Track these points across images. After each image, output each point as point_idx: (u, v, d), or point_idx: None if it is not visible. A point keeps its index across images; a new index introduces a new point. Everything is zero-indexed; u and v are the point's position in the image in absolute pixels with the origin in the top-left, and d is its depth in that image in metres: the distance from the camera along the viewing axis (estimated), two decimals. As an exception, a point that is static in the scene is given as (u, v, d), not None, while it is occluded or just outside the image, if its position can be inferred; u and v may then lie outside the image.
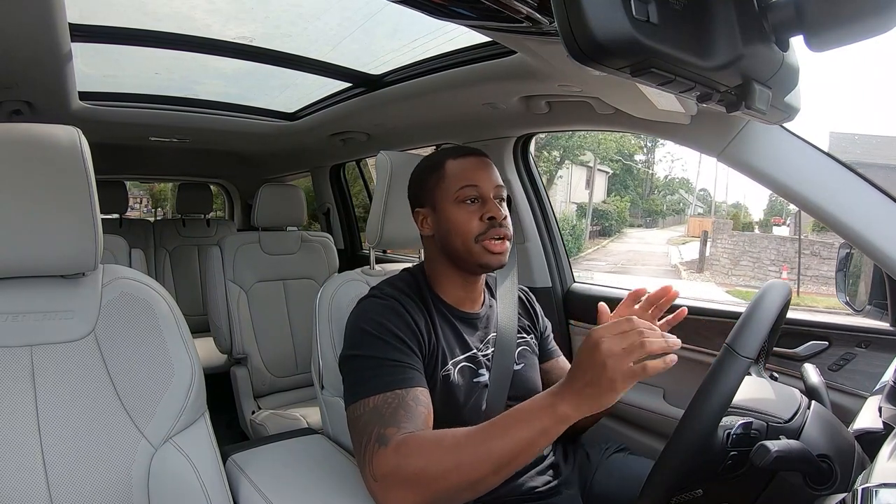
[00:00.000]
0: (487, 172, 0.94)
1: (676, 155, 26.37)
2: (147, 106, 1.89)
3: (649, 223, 25.35)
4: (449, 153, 0.97)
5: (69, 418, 0.74)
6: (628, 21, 0.39)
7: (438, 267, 0.97)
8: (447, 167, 0.94)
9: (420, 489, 0.69)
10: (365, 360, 0.82)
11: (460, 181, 0.92)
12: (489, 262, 0.91)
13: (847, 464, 0.70)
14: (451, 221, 0.92)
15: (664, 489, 0.70)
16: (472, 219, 0.91)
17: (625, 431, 1.38)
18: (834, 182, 0.91)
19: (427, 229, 0.97)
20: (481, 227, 0.90)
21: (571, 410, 0.66)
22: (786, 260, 11.30)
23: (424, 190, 0.97)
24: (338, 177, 2.76)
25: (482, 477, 0.67)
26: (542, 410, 0.67)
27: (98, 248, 0.77)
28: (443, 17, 0.77)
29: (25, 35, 1.06)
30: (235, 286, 1.98)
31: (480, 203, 0.92)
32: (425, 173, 0.97)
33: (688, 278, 13.18)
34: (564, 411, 0.66)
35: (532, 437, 0.67)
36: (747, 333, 0.71)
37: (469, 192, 0.92)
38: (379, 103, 1.58)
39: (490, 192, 0.92)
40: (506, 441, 0.67)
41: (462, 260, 0.93)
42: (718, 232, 14.30)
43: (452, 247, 0.92)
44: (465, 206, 0.92)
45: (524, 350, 1.01)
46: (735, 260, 12.84)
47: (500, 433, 0.68)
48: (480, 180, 0.92)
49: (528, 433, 0.67)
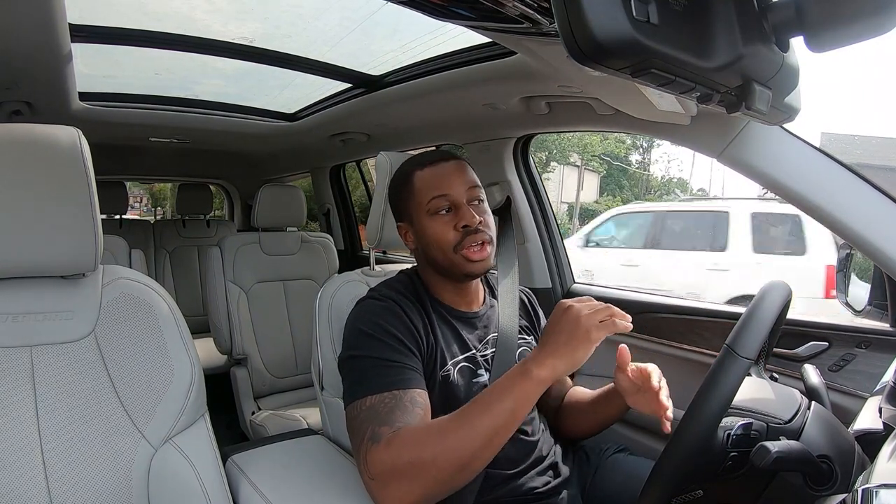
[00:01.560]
0: (457, 177, 0.92)
1: (673, 155, 26.39)
2: (147, 106, 1.89)
3: None
4: (415, 163, 0.95)
5: (69, 419, 0.74)
6: (628, 21, 0.39)
7: (430, 276, 0.97)
8: (415, 180, 0.93)
9: (415, 480, 0.69)
10: (363, 361, 0.82)
11: (429, 192, 0.91)
12: (472, 270, 0.90)
13: (847, 464, 0.70)
14: (427, 235, 0.91)
15: (664, 490, 0.70)
16: (447, 230, 0.90)
17: (625, 432, 1.38)
18: (834, 182, 0.91)
19: (411, 243, 0.97)
20: (457, 237, 0.89)
21: (548, 372, 0.71)
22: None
23: (400, 205, 0.97)
24: (338, 177, 2.76)
25: (473, 455, 0.70)
26: (520, 377, 0.72)
27: (98, 249, 0.77)
28: (442, 18, 0.77)
29: (25, 35, 1.05)
30: (235, 287, 1.98)
31: (454, 211, 0.91)
32: (397, 187, 0.97)
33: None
34: (541, 374, 0.71)
35: (513, 405, 0.71)
36: (747, 334, 0.71)
37: (439, 202, 0.90)
38: (379, 104, 1.58)
39: (462, 198, 0.91)
40: (489, 415, 0.71)
41: (447, 271, 0.93)
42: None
43: (435, 259, 0.92)
44: (439, 218, 0.91)
45: (525, 351, 1.01)
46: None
47: (483, 409, 0.72)
48: (450, 187, 0.91)
49: (509, 403, 0.71)
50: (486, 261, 0.91)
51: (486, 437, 0.70)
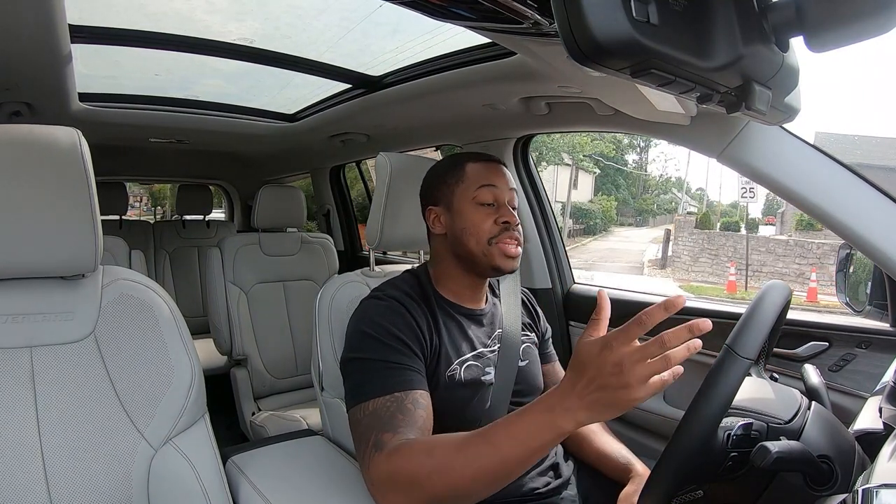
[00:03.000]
0: (504, 179, 0.96)
1: (670, 155, 26.44)
2: (147, 107, 1.89)
3: (640, 222, 25.48)
4: (470, 157, 0.99)
5: (69, 419, 0.74)
6: (628, 22, 0.39)
7: (446, 266, 0.97)
8: (468, 168, 0.96)
9: (412, 494, 0.69)
10: (365, 363, 0.82)
11: (480, 181, 0.94)
12: (503, 265, 0.92)
13: (847, 464, 0.70)
14: (468, 221, 0.93)
15: (664, 490, 0.70)
16: (488, 220, 0.92)
17: (625, 432, 1.38)
18: (834, 182, 0.91)
19: (439, 228, 0.97)
20: (495, 230, 0.92)
21: (573, 426, 0.59)
22: (742, 257, 11.70)
23: (441, 188, 0.97)
24: (338, 178, 2.76)
25: (473, 490, 0.66)
26: (542, 426, 0.61)
27: (98, 250, 0.77)
28: (442, 19, 0.77)
29: (25, 36, 1.05)
30: (235, 287, 1.98)
31: (496, 208, 0.93)
32: (445, 172, 0.98)
33: (649, 274, 13.57)
34: (565, 427, 0.60)
35: (525, 454, 0.62)
36: (747, 334, 0.71)
37: (487, 194, 0.93)
38: (378, 104, 1.58)
39: (505, 198, 0.95)
40: (497, 456, 0.63)
41: (474, 261, 0.93)
42: (680, 230, 14.67)
43: (466, 247, 0.93)
44: (482, 209, 0.93)
45: (528, 347, 1.02)
46: (695, 257, 13.30)
47: (493, 449, 0.64)
48: (499, 184, 0.95)
49: (521, 450, 0.62)
50: (516, 259, 0.93)
51: (490, 475, 0.64)
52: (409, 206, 1.06)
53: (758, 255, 11.57)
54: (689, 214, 19.49)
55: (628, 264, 14.92)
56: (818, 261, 10.43)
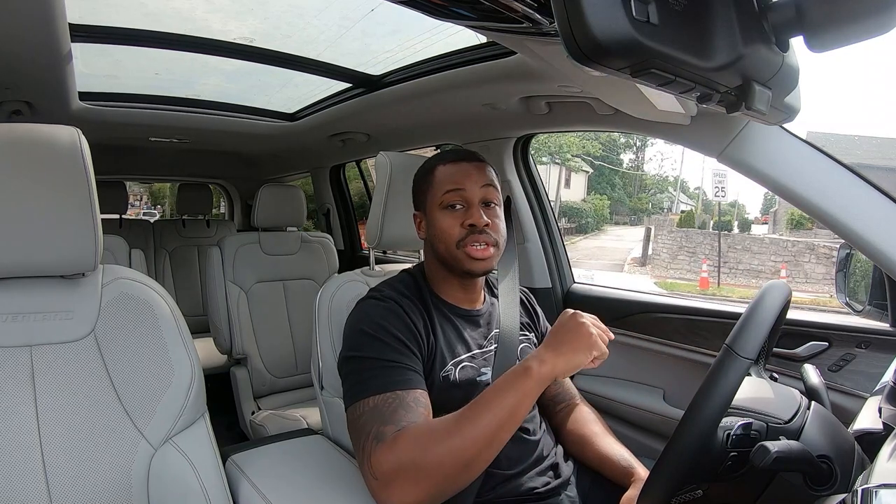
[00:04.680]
0: (476, 177, 0.94)
1: (665, 154, 26.49)
2: (147, 106, 1.89)
3: (634, 221, 25.53)
4: (442, 158, 0.98)
5: (69, 418, 0.74)
6: (628, 22, 0.39)
7: (435, 269, 0.98)
8: (436, 173, 0.96)
9: (419, 480, 0.70)
10: (364, 362, 0.82)
11: (445, 186, 0.93)
12: (472, 268, 0.92)
13: (847, 464, 0.70)
14: (436, 227, 0.93)
15: (664, 490, 0.70)
16: (454, 225, 0.92)
17: (625, 432, 1.38)
18: (834, 182, 0.91)
19: (422, 233, 0.99)
20: (461, 234, 0.91)
21: (548, 369, 0.76)
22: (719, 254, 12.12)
23: (418, 195, 0.99)
24: (338, 177, 2.76)
25: (476, 453, 0.71)
26: (521, 375, 0.76)
27: (98, 249, 0.77)
28: (442, 18, 0.77)
29: (25, 35, 1.05)
30: (235, 287, 1.98)
31: (464, 210, 0.93)
32: (420, 177, 0.99)
33: (629, 272, 13.79)
34: (542, 371, 0.75)
35: (514, 402, 0.74)
36: (747, 334, 0.71)
37: (452, 197, 0.92)
38: (379, 104, 1.58)
39: (476, 198, 0.93)
40: (491, 413, 0.73)
41: (448, 265, 0.94)
42: (660, 229, 14.94)
43: (439, 252, 0.94)
44: (450, 212, 0.93)
45: (526, 348, 1.01)
46: (673, 255, 13.57)
47: (484, 407, 0.74)
48: (466, 185, 0.93)
49: (510, 399, 0.74)
50: (486, 261, 0.92)
51: (489, 435, 0.72)
52: (409, 205, 1.06)
53: (734, 253, 12.07)
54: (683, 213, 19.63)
55: (611, 262, 15.05)
56: (793, 258, 10.96)
